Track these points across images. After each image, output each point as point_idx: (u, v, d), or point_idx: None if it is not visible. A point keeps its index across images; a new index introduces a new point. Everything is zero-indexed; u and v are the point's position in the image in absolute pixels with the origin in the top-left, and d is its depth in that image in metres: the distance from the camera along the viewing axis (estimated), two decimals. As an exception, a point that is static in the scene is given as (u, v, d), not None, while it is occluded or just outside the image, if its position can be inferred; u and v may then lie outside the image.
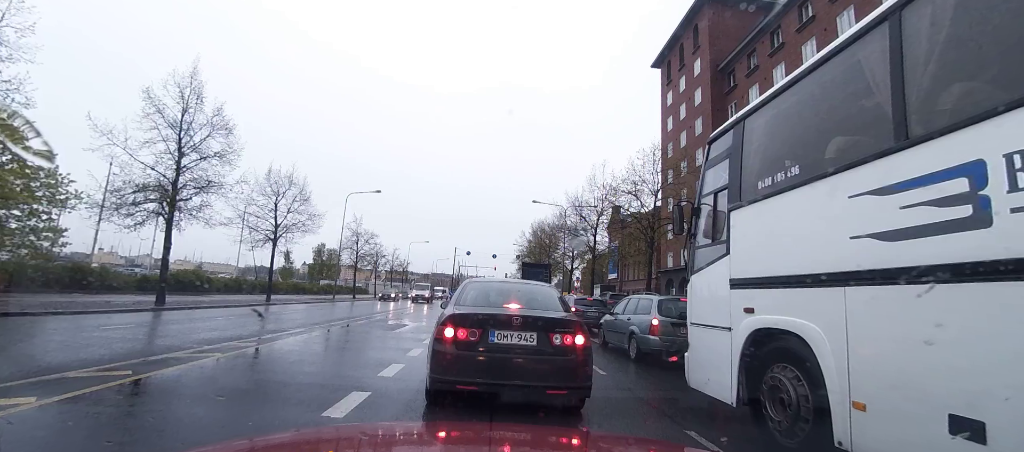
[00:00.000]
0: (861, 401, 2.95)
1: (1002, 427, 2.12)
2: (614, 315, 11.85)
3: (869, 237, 2.91)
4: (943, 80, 2.69)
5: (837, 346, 3.14)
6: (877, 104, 3.07)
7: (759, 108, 4.53)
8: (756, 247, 4.25)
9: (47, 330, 9.21)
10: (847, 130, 3.45)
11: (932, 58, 2.73)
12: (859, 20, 2.91)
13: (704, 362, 4.92)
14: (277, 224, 28.20)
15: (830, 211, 3.28)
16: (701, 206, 5.32)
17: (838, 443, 3.07)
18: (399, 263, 68.77)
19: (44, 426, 3.53)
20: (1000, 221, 2.18)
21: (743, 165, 4.57)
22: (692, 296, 5.41)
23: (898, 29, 2.89)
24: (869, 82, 3.19)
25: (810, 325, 3.38)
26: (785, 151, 4.11)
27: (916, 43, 2.80)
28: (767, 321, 3.89)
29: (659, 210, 26.07)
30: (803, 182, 3.65)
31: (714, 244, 4.90)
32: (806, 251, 3.56)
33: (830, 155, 3.49)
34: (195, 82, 18.29)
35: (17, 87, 13.09)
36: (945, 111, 2.61)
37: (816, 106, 3.85)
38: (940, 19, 2.71)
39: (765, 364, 3.93)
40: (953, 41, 2.65)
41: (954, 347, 2.38)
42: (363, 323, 16.10)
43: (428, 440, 1.76)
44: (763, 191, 4.17)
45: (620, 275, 44.58)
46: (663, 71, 44.15)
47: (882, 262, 2.82)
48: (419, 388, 5.23)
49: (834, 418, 3.11)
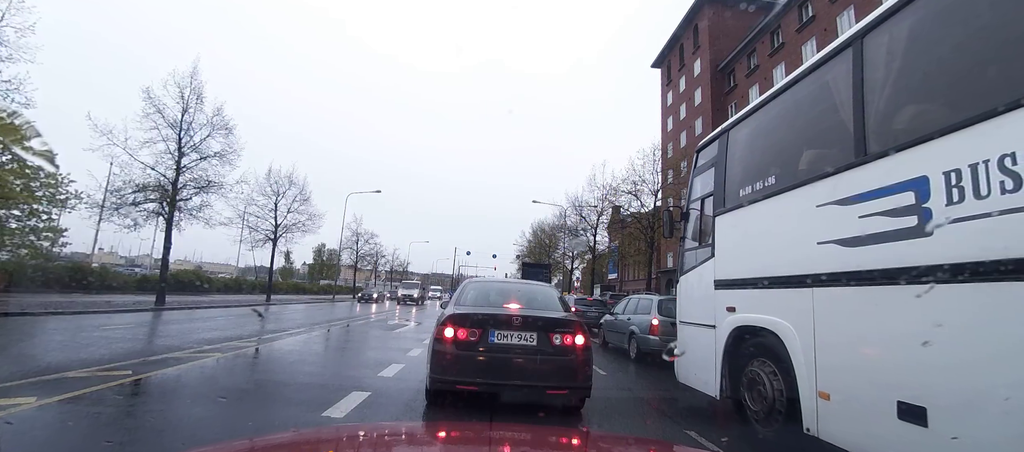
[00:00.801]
0: (826, 391, 3.24)
1: (940, 410, 2.42)
2: (614, 315, 11.86)
3: (833, 243, 3.20)
4: (896, 102, 3.00)
5: (806, 342, 3.44)
6: (841, 122, 3.36)
7: (741, 121, 4.85)
8: (738, 250, 4.54)
9: (47, 330, 9.21)
10: (817, 144, 3.75)
11: (887, 82, 3.06)
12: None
13: (691, 358, 5.21)
14: (277, 224, 28.23)
15: (801, 218, 3.58)
16: (689, 211, 5.64)
17: (807, 430, 3.36)
18: (399, 263, 68.71)
19: (44, 426, 3.54)
20: (940, 231, 2.46)
21: (727, 174, 4.89)
22: (681, 296, 5.73)
23: (860, 55, 3.21)
24: (835, 101, 3.49)
25: (783, 323, 3.69)
26: (764, 162, 4.42)
27: (874, 68, 3.12)
28: (747, 319, 4.18)
29: (659, 210, 26.08)
30: (779, 191, 3.97)
31: (701, 247, 5.21)
32: (781, 255, 3.86)
33: (803, 167, 3.80)
34: (195, 82, 18.34)
35: (17, 87, 13.11)
36: (897, 131, 2.91)
37: (791, 121, 4.19)
38: (894, 48, 3.03)
39: (745, 359, 4.21)
40: (905, 68, 2.98)
41: (902, 342, 2.67)
42: (363, 323, 16.10)
43: (428, 440, 1.76)
44: (744, 198, 4.49)
45: (620, 275, 44.58)
46: (663, 71, 44.14)
47: (844, 266, 3.11)
48: (419, 388, 5.24)
49: (803, 407, 3.40)
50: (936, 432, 2.42)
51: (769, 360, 3.92)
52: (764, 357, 3.98)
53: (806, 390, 3.38)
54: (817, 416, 3.29)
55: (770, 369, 3.90)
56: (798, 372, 3.48)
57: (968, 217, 2.32)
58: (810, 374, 3.37)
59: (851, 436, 3.05)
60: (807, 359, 3.41)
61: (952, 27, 2.71)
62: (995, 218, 2.18)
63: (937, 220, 2.47)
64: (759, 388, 3.99)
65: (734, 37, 33.40)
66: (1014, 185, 2.11)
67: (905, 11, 2.94)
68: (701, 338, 4.93)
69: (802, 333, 3.48)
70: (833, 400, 3.18)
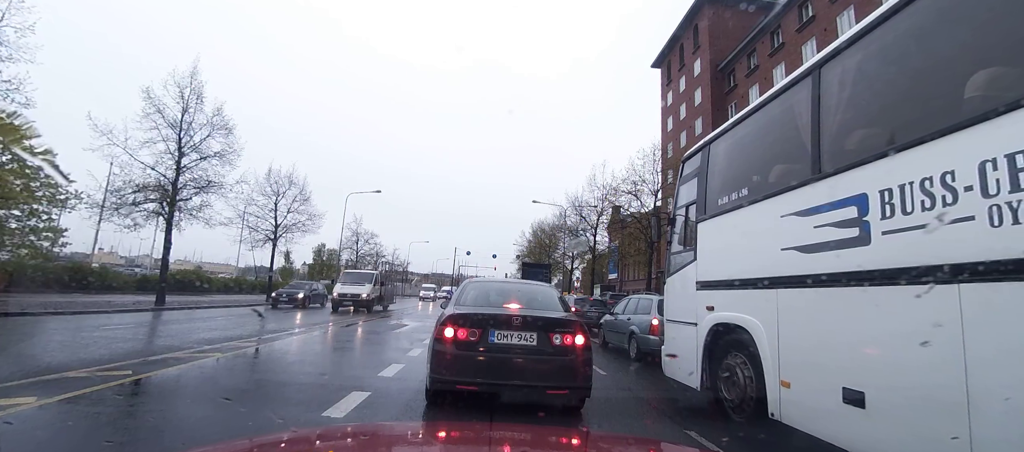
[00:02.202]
0: (787, 380, 3.65)
1: (875, 394, 2.83)
2: (614, 315, 11.86)
3: (794, 249, 3.59)
4: (845, 127, 3.42)
5: (771, 337, 3.84)
6: (802, 142, 3.75)
7: (721, 135, 5.26)
8: (716, 254, 4.93)
9: (47, 330, 9.21)
10: (784, 160, 4.14)
11: (839, 108, 3.49)
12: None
13: (676, 354, 5.64)
14: (277, 224, 28.18)
15: (769, 227, 3.95)
16: (676, 217, 6.05)
17: (771, 414, 3.76)
18: (399, 263, 68.58)
19: (44, 426, 3.53)
20: (875, 241, 2.86)
21: (708, 183, 5.28)
22: (667, 296, 6.15)
23: (818, 82, 3.62)
24: (798, 123, 3.89)
25: (753, 320, 4.08)
26: (740, 174, 4.83)
27: (829, 95, 3.54)
28: (723, 317, 4.56)
29: (659, 210, 26.09)
30: (751, 201, 4.38)
31: (685, 251, 5.59)
32: (752, 259, 4.25)
33: (772, 180, 4.20)
34: (195, 82, 18.27)
35: (17, 87, 13.10)
36: (845, 152, 3.30)
37: (763, 138, 4.61)
38: (845, 79, 3.44)
39: (722, 353, 4.61)
40: (853, 97, 3.41)
41: (846, 337, 3.08)
42: (362, 323, 16.10)
43: (428, 440, 1.76)
44: (722, 207, 4.89)
45: (620, 275, 44.57)
46: (663, 71, 44.16)
47: (802, 270, 3.51)
48: (419, 388, 5.24)
49: (768, 394, 3.81)
50: (872, 413, 2.82)
51: (742, 353, 4.29)
52: (737, 351, 4.36)
53: (771, 379, 3.78)
54: (780, 402, 3.69)
55: (742, 361, 4.28)
56: (765, 364, 3.87)
57: (897, 230, 2.71)
58: (775, 365, 3.77)
59: (807, 419, 3.46)
60: (772, 352, 3.80)
61: (887, 65, 3.13)
62: (916, 231, 2.58)
63: (874, 231, 2.86)
64: (733, 379, 4.38)
65: (734, 37, 33.40)
66: (931, 204, 2.50)
67: (855, 47, 3.35)
68: (684, 335, 5.30)
69: (768, 329, 3.87)
70: (793, 387, 3.59)
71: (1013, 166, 2.11)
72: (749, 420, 4.15)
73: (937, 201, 2.46)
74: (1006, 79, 2.31)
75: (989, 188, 2.21)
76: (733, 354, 4.43)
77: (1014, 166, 2.11)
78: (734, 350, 4.42)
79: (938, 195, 2.45)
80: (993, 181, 2.20)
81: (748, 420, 4.17)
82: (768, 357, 3.84)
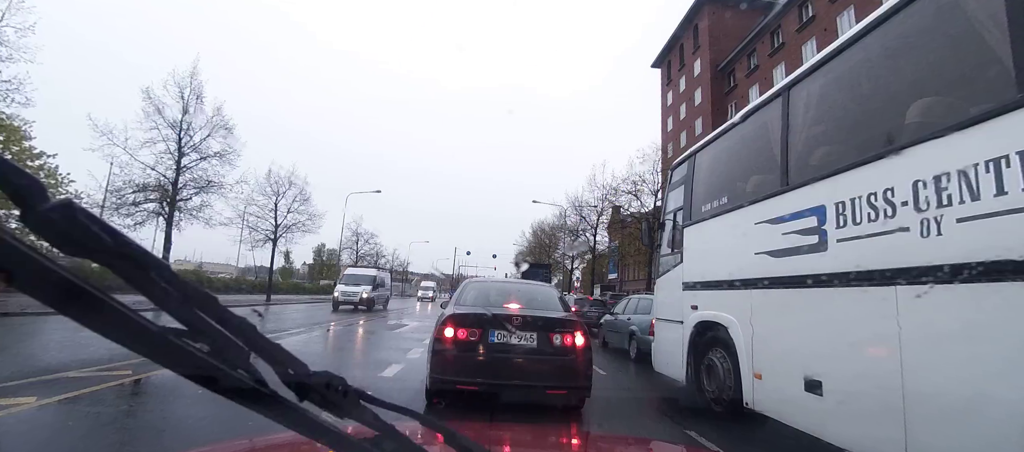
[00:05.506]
0: (759, 372, 4.01)
1: (831, 382, 3.19)
2: (614, 315, 11.87)
3: (765, 254, 3.95)
4: (809, 144, 3.78)
5: (746, 333, 4.19)
6: (774, 156, 4.10)
7: (706, 146, 5.61)
8: (700, 258, 5.28)
9: (47, 330, 9.17)
10: (759, 172, 4.46)
11: (804, 127, 3.86)
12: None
13: (664, 350, 6.01)
14: (277, 224, 28.13)
15: (745, 233, 4.29)
16: (665, 222, 6.41)
17: (746, 404, 4.12)
18: (399, 263, 68.55)
19: (44, 426, 3.54)
20: (831, 248, 3.22)
21: (693, 191, 5.65)
22: (657, 296, 6.53)
23: (787, 102, 3.99)
24: (771, 138, 4.22)
25: (731, 318, 4.43)
26: (721, 183, 5.22)
27: (796, 115, 3.92)
28: (706, 315, 4.92)
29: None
30: (730, 209, 4.73)
31: (673, 254, 5.94)
32: (730, 262, 4.55)
33: (749, 190, 4.52)
34: (195, 82, 18.35)
35: (17, 87, 13.12)
36: (809, 167, 3.66)
37: (742, 150, 4.97)
38: (809, 101, 3.84)
39: (704, 349, 4.97)
40: (815, 118, 3.79)
41: (807, 332, 3.45)
42: (362, 323, 16.10)
43: (428, 440, 1.75)
44: (706, 213, 5.26)
45: (620, 275, 44.58)
46: (663, 71, 44.15)
47: (772, 272, 3.88)
48: (419, 388, 5.22)
49: (743, 386, 4.17)
50: (828, 399, 3.18)
51: (721, 349, 4.64)
52: (718, 347, 4.72)
53: (746, 372, 4.14)
54: (753, 393, 4.04)
55: (721, 356, 4.63)
56: (740, 358, 4.23)
57: (850, 238, 3.05)
58: (749, 359, 4.12)
59: (775, 407, 3.83)
60: (747, 347, 4.16)
61: (842, 90, 3.54)
62: (864, 240, 2.94)
63: (830, 239, 3.22)
64: (714, 372, 4.74)
65: (734, 37, 33.39)
66: (875, 216, 2.85)
67: (818, 72, 3.73)
68: (672, 333, 5.64)
69: (743, 326, 4.23)
70: (764, 379, 3.95)
71: (939, 185, 2.46)
72: (727, 410, 4.52)
73: (880, 214, 2.81)
74: (938, 108, 2.65)
75: (920, 203, 2.55)
76: (714, 350, 4.78)
77: (939, 185, 2.45)
78: (715, 346, 4.77)
79: (881, 208, 2.81)
80: (924, 198, 2.54)
81: (726, 410, 4.53)
82: (743, 352, 4.19)
